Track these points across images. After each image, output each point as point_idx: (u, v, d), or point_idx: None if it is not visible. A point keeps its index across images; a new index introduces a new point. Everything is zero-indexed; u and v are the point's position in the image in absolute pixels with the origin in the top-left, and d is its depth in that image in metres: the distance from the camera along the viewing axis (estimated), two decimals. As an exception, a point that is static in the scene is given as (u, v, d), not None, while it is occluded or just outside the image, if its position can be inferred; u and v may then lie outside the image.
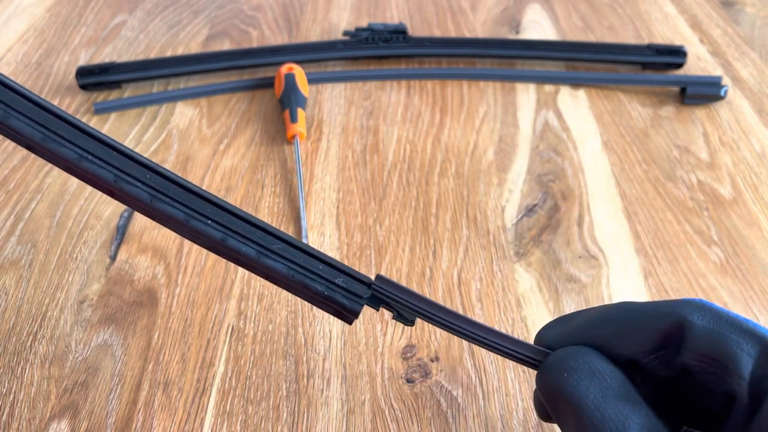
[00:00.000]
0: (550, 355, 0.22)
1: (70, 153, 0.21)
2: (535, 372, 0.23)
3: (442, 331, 0.35)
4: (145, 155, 0.47)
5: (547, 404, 0.22)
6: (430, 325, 0.36)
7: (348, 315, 0.23)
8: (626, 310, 0.22)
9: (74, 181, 0.44)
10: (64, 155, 0.21)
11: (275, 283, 0.23)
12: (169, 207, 0.22)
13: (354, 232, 0.41)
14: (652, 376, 0.22)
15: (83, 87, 0.53)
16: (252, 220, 0.23)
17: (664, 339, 0.21)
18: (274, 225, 0.41)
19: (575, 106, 0.51)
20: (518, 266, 0.39)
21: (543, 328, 0.23)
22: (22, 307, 0.37)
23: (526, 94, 0.52)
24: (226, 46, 0.59)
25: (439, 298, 0.37)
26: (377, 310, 0.24)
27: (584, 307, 0.36)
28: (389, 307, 0.23)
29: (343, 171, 0.45)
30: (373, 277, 0.23)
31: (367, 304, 0.23)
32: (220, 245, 0.22)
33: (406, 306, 0.23)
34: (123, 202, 0.22)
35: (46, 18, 0.63)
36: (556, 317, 0.23)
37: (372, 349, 0.34)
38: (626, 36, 0.60)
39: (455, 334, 0.23)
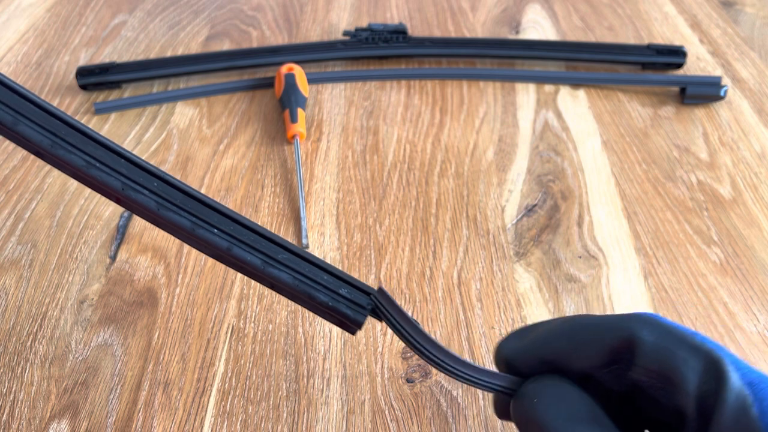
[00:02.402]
0: (522, 385, 0.22)
1: (78, 160, 0.21)
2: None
3: (441, 330, 0.35)
4: (145, 155, 0.47)
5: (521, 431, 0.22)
6: (430, 326, 0.36)
7: (351, 325, 0.23)
8: (579, 325, 0.22)
9: (74, 182, 0.44)
10: (72, 162, 0.21)
11: (280, 293, 0.23)
12: (176, 215, 0.22)
13: (354, 232, 0.41)
14: (608, 389, 0.22)
15: (83, 87, 0.53)
16: (258, 230, 0.22)
17: (614, 354, 0.21)
18: (274, 225, 0.41)
19: (575, 106, 0.51)
20: (518, 266, 0.39)
21: (502, 340, 0.24)
22: (22, 307, 0.37)
23: (526, 94, 0.52)
24: (226, 46, 0.59)
25: (438, 298, 0.37)
26: (380, 321, 0.24)
27: (584, 308, 0.36)
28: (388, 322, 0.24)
29: (343, 171, 0.45)
30: (377, 287, 0.23)
31: (370, 315, 0.23)
32: (225, 254, 0.22)
33: (395, 326, 0.23)
34: (130, 210, 0.22)
35: (46, 18, 0.63)
36: (518, 328, 0.24)
37: (372, 349, 0.34)
38: (626, 36, 0.60)
39: (434, 366, 0.23)
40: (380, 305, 0.23)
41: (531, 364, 0.22)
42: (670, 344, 0.20)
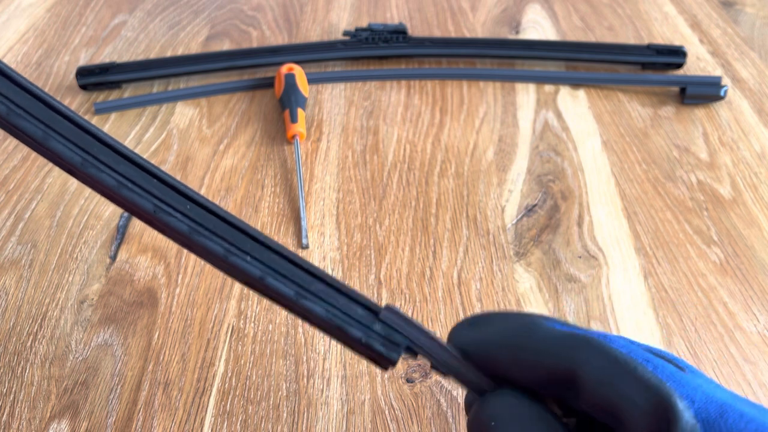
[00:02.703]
0: (478, 403, 0.21)
1: (110, 180, 0.20)
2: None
3: (441, 330, 0.35)
4: (145, 155, 0.47)
5: None
6: (430, 326, 0.36)
7: (384, 362, 0.22)
8: (527, 338, 0.20)
9: (74, 182, 0.45)
10: (103, 181, 0.20)
11: (311, 324, 0.22)
12: (209, 241, 0.21)
13: (354, 232, 0.41)
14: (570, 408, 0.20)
15: (83, 87, 0.53)
16: (292, 258, 0.22)
17: (555, 382, 0.19)
18: (274, 225, 0.41)
19: (575, 106, 0.51)
20: (518, 266, 0.39)
21: (456, 327, 0.22)
22: (23, 307, 0.37)
23: (526, 94, 0.52)
24: (226, 46, 0.59)
25: (438, 298, 0.37)
26: (414, 359, 0.23)
27: (584, 308, 0.36)
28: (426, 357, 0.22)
29: (343, 171, 0.45)
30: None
31: (404, 353, 0.22)
32: (258, 283, 0.21)
33: (433, 364, 0.22)
34: (161, 232, 0.21)
35: (46, 18, 0.63)
36: (470, 316, 0.22)
37: (372, 349, 0.34)
38: (626, 36, 0.60)
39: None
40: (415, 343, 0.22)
41: (479, 363, 0.21)
42: (614, 379, 0.18)
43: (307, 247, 0.40)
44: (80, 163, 0.20)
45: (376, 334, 0.21)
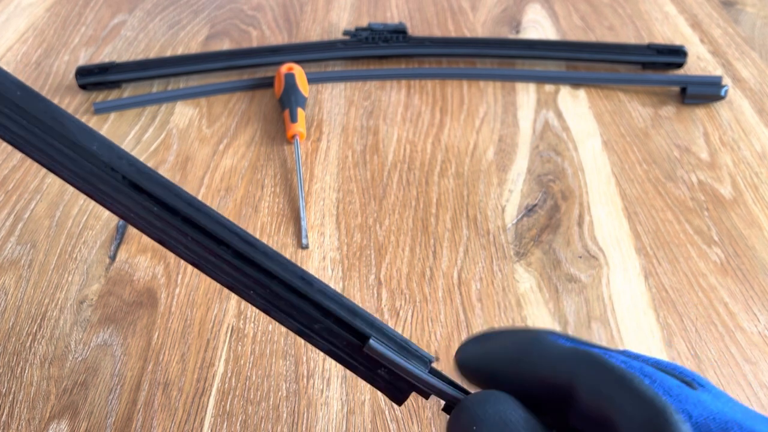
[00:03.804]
0: (459, 403, 0.20)
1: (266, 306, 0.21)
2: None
3: (442, 331, 0.35)
4: (145, 155, 0.47)
5: None
6: (430, 326, 0.36)
7: (393, 400, 0.23)
8: (529, 351, 0.20)
9: (74, 181, 0.44)
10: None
11: (324, 353, 0.23)
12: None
13: (354, 232, 0.41)
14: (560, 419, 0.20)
15: (83, 87, 0.53)
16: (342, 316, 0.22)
17: (551, 395, 0.19)
18: (274, 225, 0.41)
19: (575, 105, 0.51)
20: (518, 266, 0.39)
21: (464, 343, 0.22)
22: (22, 307, 0.37)
23: (526, 94, 0.52)
24: (225, 45, 0.59)
25: (439, 298, 0.37)
26: (426, 399, 0.23)
27: (584, 308, 0.36)
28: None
29: (343, 171, 0.45)
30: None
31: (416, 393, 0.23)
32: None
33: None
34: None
35: (45, 18, 0.63)
36: (479, 332, 0.22)
37: (372, 350, 0.34)
38: (626, 36, 0.60)
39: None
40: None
41: (483, 378, 0.21)
42: (609, 391, 0.17)
43: (307, 247, 0.40)
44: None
45: (380, 378, 0.22)
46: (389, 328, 0.21)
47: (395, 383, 0.22)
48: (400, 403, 0.22)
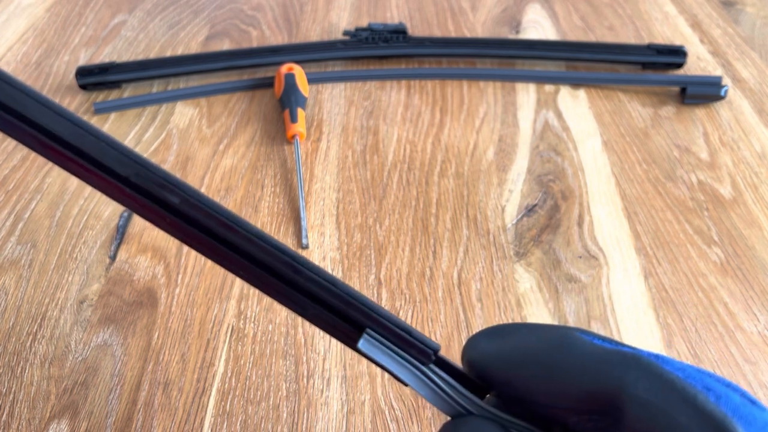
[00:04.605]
0: (454, 426, 0.19)
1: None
2: None
3: (442, 331, 0.35)
4: (145, 155, 0.47)
5: None
6: (430, 326, 0.36)
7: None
8: (563, 353, 0.17)
9: (74, 181, 0.44)
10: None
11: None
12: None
13: (354, 232, 0.41)
14: None
15: (83, 87, 0.53)
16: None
17: (593, 404, 0.17)
18: (274, 225, 0.41)
19: (575, 105, 0.51)
20: (518, 266, 0.39)
21: (473, 338, 0.20)
22: (22, 307, 0.37)
23: (526, 94, 0.52)
24: (225, 45, 0.59)
25: (438, 298, 0.37)
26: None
27: (584, 308, 0.36)
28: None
29: (343, 171, 0.45)
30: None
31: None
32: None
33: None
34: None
35: (45, 18, 0.63)
36: (492, 326, 0.20)
37: (372, 349, 0.34)
38: (626, 36, 0.60)
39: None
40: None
41: (498, 381, 0.19)
42: (667, 404, 0.15)
43: (307, 247, 0.40)
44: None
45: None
46: (391, 315, 0.20)
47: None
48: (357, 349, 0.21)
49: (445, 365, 0.20)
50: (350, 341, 0.20)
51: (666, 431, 0.15)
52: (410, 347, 0.20)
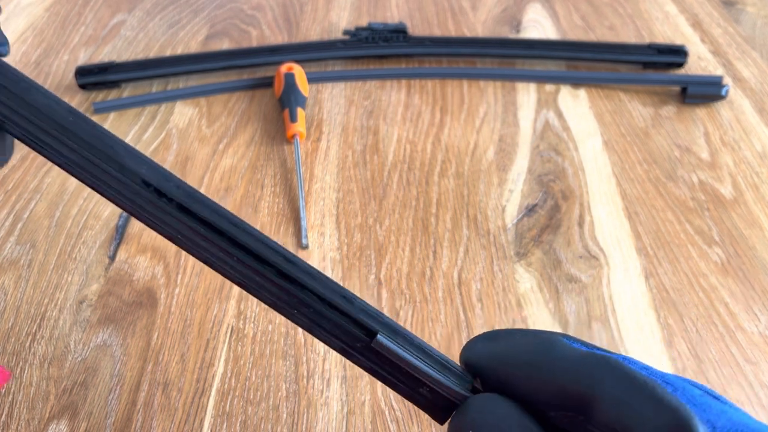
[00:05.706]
0: (460, 407, 0.20)
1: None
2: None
3: (442, 331, 0.35)
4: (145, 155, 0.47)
5: None
6: (430, 326, 0.35)
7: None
8: (544, 355, 0.19)
9: (73, 181, 0.44)
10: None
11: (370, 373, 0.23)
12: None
13: (354, 232, 0.41)
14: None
15: (82, 86, 0.53)
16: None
17: (569, 401, 0.18)
18: (273, 225, 0.41)
19: (576, 105, 0.51)
20: (518, 266, 0.39)
21: (472, 341, 0.21)
22: (21, 307, 0.37)
23: (527, 94, 0.52)
24: (225, 45, 0.59)
25: (439, 298, 0.37)
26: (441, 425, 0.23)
27: (585, 308, 0.36)
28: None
29: (343, 171, 0.45)
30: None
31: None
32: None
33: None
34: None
35: (45, 17, 0.63)
36: (489, 331, 0.22)
37: (372, 350, 0.34)
38: (627, 35, 0.60)
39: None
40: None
41: (491, 379, 0.20)
42: (631, 398, 0.17)
43: (306, 247, 0.40)
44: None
45: (421, 396, 0.22)
46: (425, 343, 0.21)
47: (437, 402, 0.21)
48: (442, 422, 0.22)
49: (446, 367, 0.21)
50: (395, 369, 0.21)
51: (629, 420, 0.17)
52: (450, 372, 0.21)
